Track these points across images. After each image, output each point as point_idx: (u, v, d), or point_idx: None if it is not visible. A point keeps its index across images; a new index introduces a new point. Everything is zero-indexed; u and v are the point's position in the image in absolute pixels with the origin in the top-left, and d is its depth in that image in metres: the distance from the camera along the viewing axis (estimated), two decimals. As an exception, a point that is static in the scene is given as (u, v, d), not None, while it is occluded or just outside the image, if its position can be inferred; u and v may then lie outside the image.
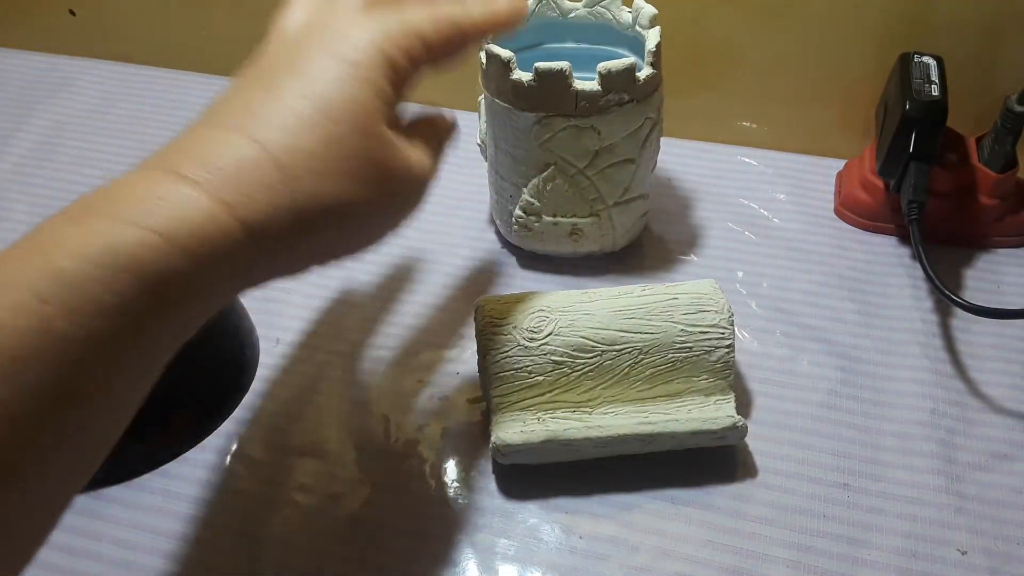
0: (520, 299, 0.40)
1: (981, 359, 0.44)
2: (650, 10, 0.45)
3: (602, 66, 0.41)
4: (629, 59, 0.41)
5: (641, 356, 0.38)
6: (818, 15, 0.52)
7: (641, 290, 0.40)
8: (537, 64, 0.41)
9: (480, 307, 0.40)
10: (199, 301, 0.26)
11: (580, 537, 0.38)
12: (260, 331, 0.47)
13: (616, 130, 0.43)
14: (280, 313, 0.47)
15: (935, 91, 0.46)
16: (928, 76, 0.47)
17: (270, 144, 0.26)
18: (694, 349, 0.38)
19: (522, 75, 0.42)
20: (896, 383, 0.43)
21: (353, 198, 0.28)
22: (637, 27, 0.46)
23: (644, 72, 0.42)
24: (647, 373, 0.38)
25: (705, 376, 0.39)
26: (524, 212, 0.47)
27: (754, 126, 0.58)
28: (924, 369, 0.44)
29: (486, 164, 0.50)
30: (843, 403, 0.42)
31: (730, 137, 0.58)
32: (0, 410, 0.21)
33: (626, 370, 0.38)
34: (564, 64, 0.41)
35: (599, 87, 0.41)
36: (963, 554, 0.36)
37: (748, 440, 0.40)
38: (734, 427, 0.38)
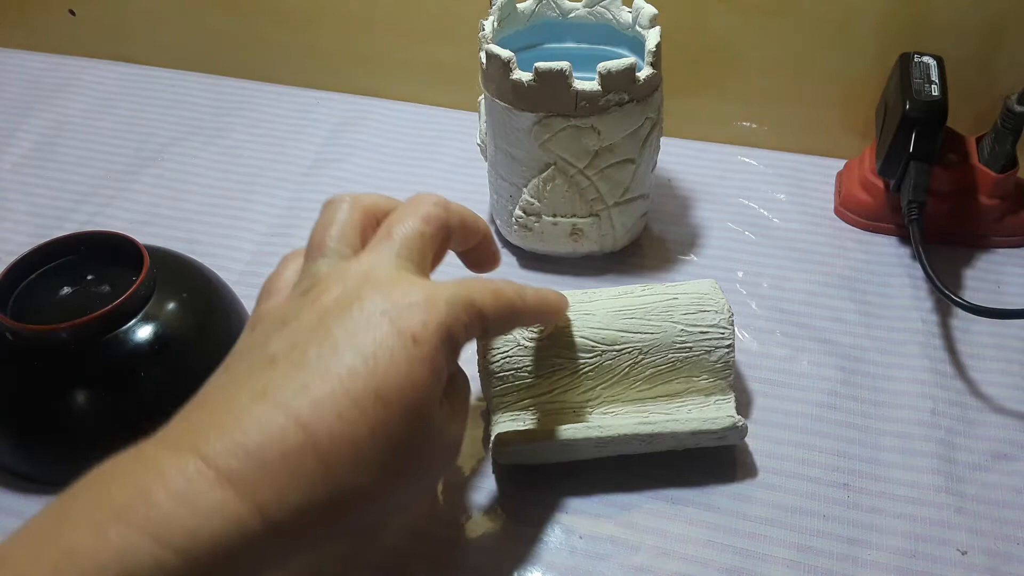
0: None
1: (981, 359, 0.44)
2: (650, 10, 0.45)
3: (602, 66, 0.41)
4: (629, 59, 0.41)
5: (641, 356, 0.38)
6: (818, 15, 0.52)
7: (641, 290, 0.40)
8: (537, 64, 0.41)
9: None
10: None
11: (580, 537, 0.38)
12: (260, 331, 0.47)
13: (616, 130, 0.43)
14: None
15: (935, 91, 0.46)
16: (928, 76, 0.47)
17: (315, 430, 0.24)
18: (694, 349, 0.38)
19: (522, 75, 0.42)
20: (896, 383, 0.43)
21: (392, 484, 0.26)
22: (637, 27, 0.46)
23: (644, 72, 0.42)
24: (647, 373, 0.38)
25: (705, 376, 0.39)
26: (524, 212, 0.47)
27: (754, 126, 0.58)
28: (924, 369, 0.44)
29: (486, 164, 0.50)
30: (843, 403, 0.42)
31: (730, 137, 0.58)
32: None
33: (626, 370, 0.38)
34: (564, 64, 0.41)
35: (599, 87, 0.41)
36: (963, 554, 0.36)
37: (748, 440, 0.40)
38: (734, 427, 0.38)
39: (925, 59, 0.48)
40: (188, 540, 0.23)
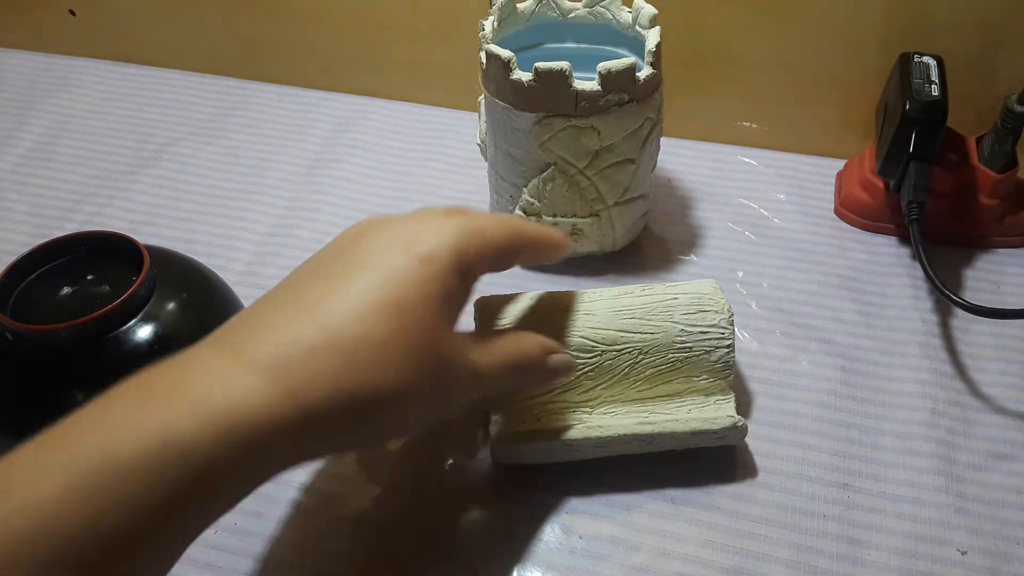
0: (520, 298, 0.40)
1: (981, 359, 0.44)
2: (650, 10, 0.44)
3: (602, 66, 0.41)
4: (629, 59, 0.41)
5: (641, 356, 0.38)
6: (818, 15, 0.52)
7: (641, 290, 0.40)
8: (537, 64, 0.41)
9: (480, 306, 0.40)
10: (241, 487, 0.26)
11: (580, 537, 0.38)
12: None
13: (616, 130, 0.43)
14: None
15: (935, 91, 0.46)
16: (928, 76, 0.47)
17: (338, 331, 0.27)
18: (694, 349, 0.38)
19: (522, 75, 0.42)
20: (896, 383, 0.43)
21: (409, 388, 0.28)
22: (637, 27, 0.46)
23: (644, 72, 0.42)
24: (647, 373, 0.38)
25: (705, 376, 0.39)
26: (524, 212, 0.47)
27: (754, 126, 0.58)
28: (924, 369, 0.44)
29: (486, 164, 0.50)
30: (843, 403, 0.42)
31: (730, 137, 0.58)
32: None
33: (626, 370, 0.38)
34: (564, 64, 0.41)
35: (599, 87, 0.41)
36: (963, 554, 0.36)
37: (748, 440, 0.40)
38: (734, 427, 0.38)
39: (925, 59, 0.48)
40: (225, 416, 0.25)
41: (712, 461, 0.40)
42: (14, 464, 0.24)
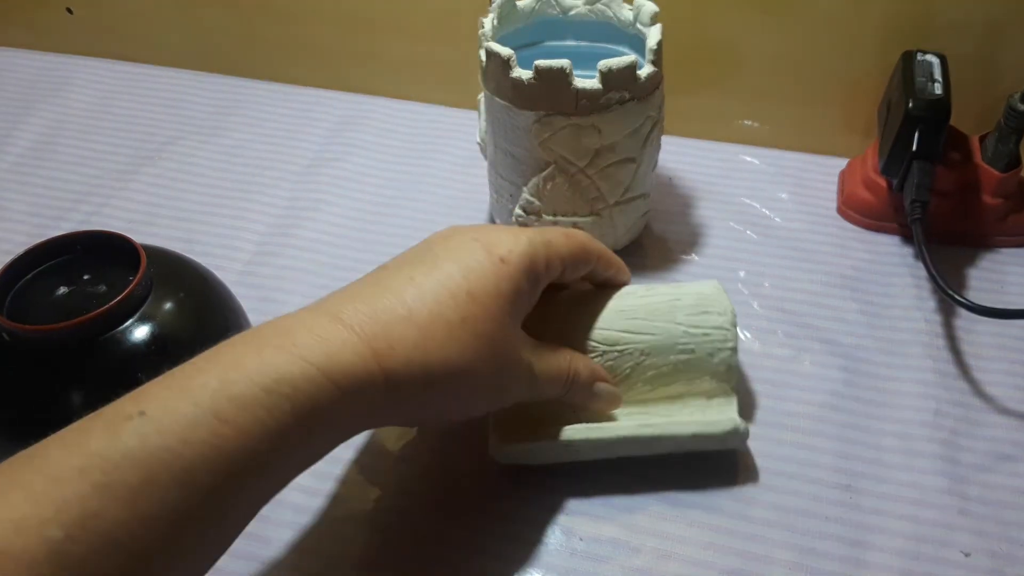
0: None
1: (984, 359, 0.44)
2: (651, 7, 0.44)
3: (603, 64, 0.41)
4: (630, 57, 0.41)
5: (643, 357, 0.38)
6: (820, 13, 0.52)
7: (644, 291, 0.40)
8: (537, 62, 0.41)
9: None
10: (336, 431, 0.30)
11: (580, 539, 0.37)
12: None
13: (617, 129, 0.43)
14: (280, 313, 0.47)
15: (938, 89, 0.46)
16: (931, 74, 0.47)
17: (418, 309, 0.31)
18: (696, 351, 0.38)
19: (522, 73, 0.41)
20: (899, 383, 0.43)
21: (473, 368, 0.32)
22: (638, 25, 0.45)
23: (645, 70, 0.42)
24: (649, 375, 0.38)
25: (707, 379, 0.38)
26: (524, 211, 0.47)
27: (756, 125, 0.57)
28: (927, 369, 0.43)
29: (486, 163, 0.50)
30: (845, 404, 0.42)
31: (732, 136, 0.58)
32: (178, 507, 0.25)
33: (628, 371, 0.38)
34: (564, 62, 0.41)
35: (600, 85, 0.41)
36: (966, 556, 0.36)
37: (750, 441, 0.40)
38: (735, 431, 0.37)
39: (928, 57, 0.48)
40: (327, 362, 0.28)
41: (713, 462, 0.39)
42: (145, 393, 0.27)
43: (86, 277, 0.40)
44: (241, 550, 0.37)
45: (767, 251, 0.50)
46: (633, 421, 0.38)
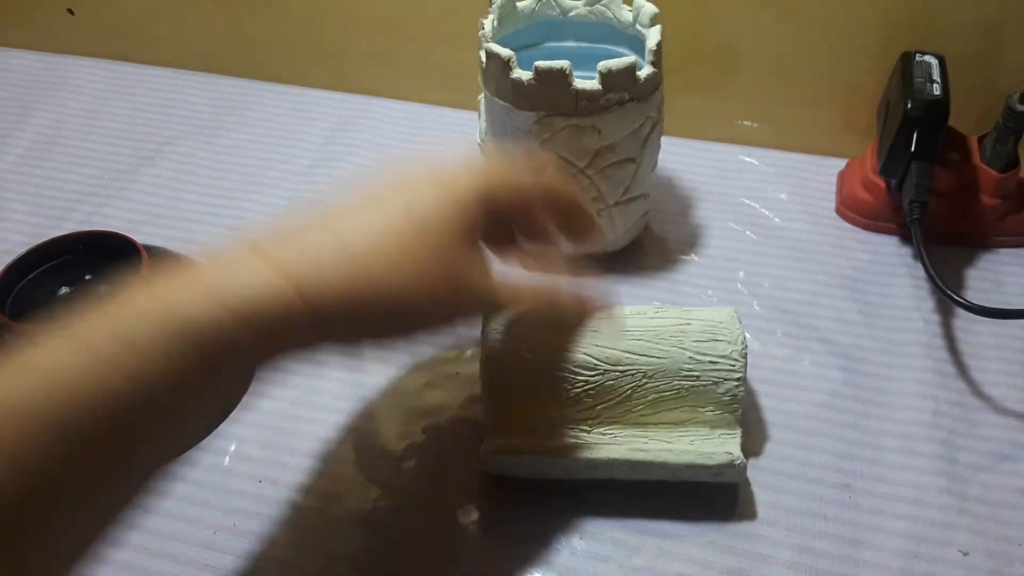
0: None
1: (983, 359, 0.44)
2: (651, 8, 0.44)
3: (603, 65, 0.41)
4: (630, 58, 0.41)
5: (645, 380, 0.37)
6: (820, 14, 0.52)
7: (654, 311, 0.39)
8: (537, 63, 0.41)
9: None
10: (250, 367, 0.29)
11: (580, 538, 0.37)
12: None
13: (617, 129, 0.43)
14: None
15: (937, 90, 0.46)
16: (930, 75, 0.47)
17: (353, 244, 0.29)
18: (701, 378, 0.37)
19: (522, 74, 0.41)
20: (898, 383, 0.43)
21: (410, 288, 0.29)
22: (638, 26, 0.45)
23: (645, 71, 0.42)
24: (650, 398, 0.37)
25: (711, 408, 0.37)
26: (524, 211, 0.47)
27: (755, 125, 0.58)
28: (926, 369, 0.43)
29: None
30: (844, 403, 0.42)
31: (731, 136, 0.58)
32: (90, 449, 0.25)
33: (628, 392, 0.37)
34: (564, 63, 0.41)
35: (599, 86, 0.41)
36: (965, 555, 0.36)
37: (749, 441, 0.40)
38: (731, 464, 0.36)
39: (927, 58, 0.48)
40: (240, 302, 0.26)
41: (713, 462, 0.39)
42: (38, 345, 0.25)
43: (88, 277, 0.40)
44: (241, 548, 0.37)
45: (766, 251, 0.50)
46: (627, 444, 0.37)
